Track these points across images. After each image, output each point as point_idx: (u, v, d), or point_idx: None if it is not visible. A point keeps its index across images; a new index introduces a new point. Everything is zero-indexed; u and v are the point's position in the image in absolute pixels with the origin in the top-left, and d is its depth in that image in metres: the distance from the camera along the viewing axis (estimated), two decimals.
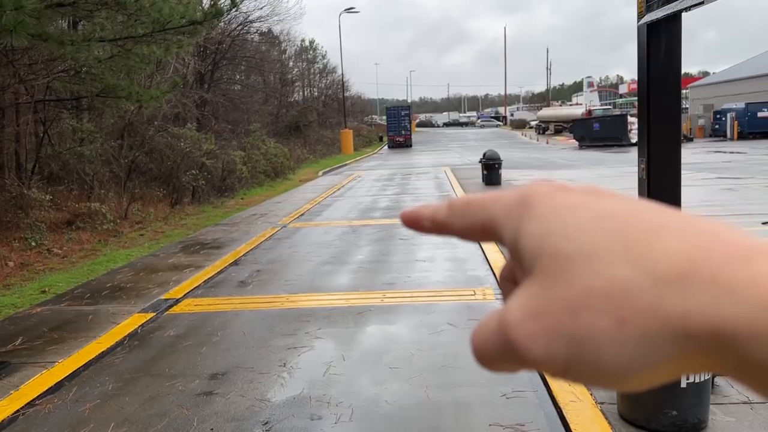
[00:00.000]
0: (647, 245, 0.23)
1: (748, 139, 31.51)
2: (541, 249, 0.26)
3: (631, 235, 0.24)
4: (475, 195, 0.31)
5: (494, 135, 55.96)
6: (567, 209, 0.26)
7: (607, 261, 0.24)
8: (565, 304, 0.24)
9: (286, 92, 39.10)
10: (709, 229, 0.24)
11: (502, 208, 0.29)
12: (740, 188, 13.44)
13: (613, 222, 0.25)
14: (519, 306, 0.26)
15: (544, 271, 0.25)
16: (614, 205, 0.26)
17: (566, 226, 0.25)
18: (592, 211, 0.26)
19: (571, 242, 0.25)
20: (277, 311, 5.68)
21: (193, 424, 3.57)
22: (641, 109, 4.01)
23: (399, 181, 18.59)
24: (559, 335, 0.24)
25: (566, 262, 0.25)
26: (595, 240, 0.24)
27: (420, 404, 3.72)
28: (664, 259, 0.23)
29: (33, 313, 5.91)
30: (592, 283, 0.24)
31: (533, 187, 0.29)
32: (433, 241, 8.64)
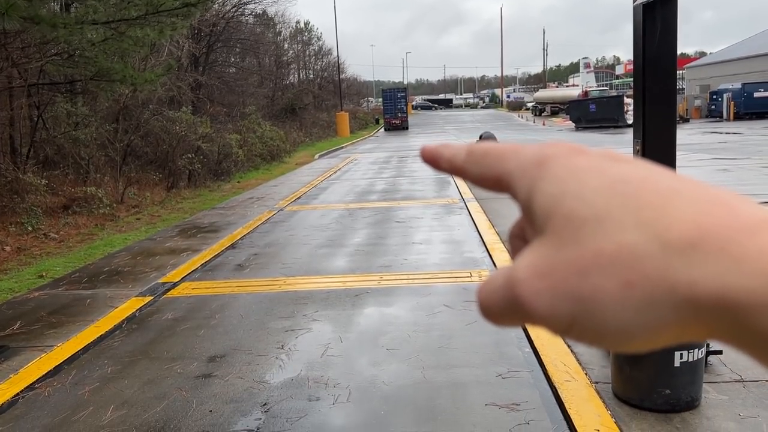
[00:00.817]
0: (659, 211, 0.24)
1: (744, 120, 31.49)
2: (554, 209, 0.26)
3: (644, 200, 0.24)
4: (495, 144, 0.31)
5: (490, 117, 55.81)
6: (583, 171, 0.26)
7: (619, 225, 0.24)
8: (575, 265, 0.25)
9: (282, 75, 38.86)
10: (721, 199, 0.24)
11: (518, 165, 0.29)
12: (736, 169, 13.46)
13: (628, 186, 0.25)
14: (528, 264, 0.26)
15: (556, 232, 0.26)
16: (630, 170, 0.26)
17: (582, 189, 0.26)
18: (608, 175, 0.26)
19: (585, 205, 0.25)
20: (275, 294, 5.70)
21: (192, 405, 3.60)
22: (636, 90, 4.01)
23: (395, 164, 18.57)
24: (565, 294, 0.25)
25: (579, 224, 0.25)
26: (608, 204, 0.25)
27: (417, 384, 3.76)
28: (674, 226, 0.23)
29: (31, 298, 5.93)
30: (602, 245, 0.24)
31: (551, 147, 0.29)
32: (429, 224, 8.66)
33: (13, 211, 9.51)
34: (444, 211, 9.71)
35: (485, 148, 0.31)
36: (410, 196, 11.66)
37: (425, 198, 11.26)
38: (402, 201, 11.01)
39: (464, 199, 10.54)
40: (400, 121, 41.06)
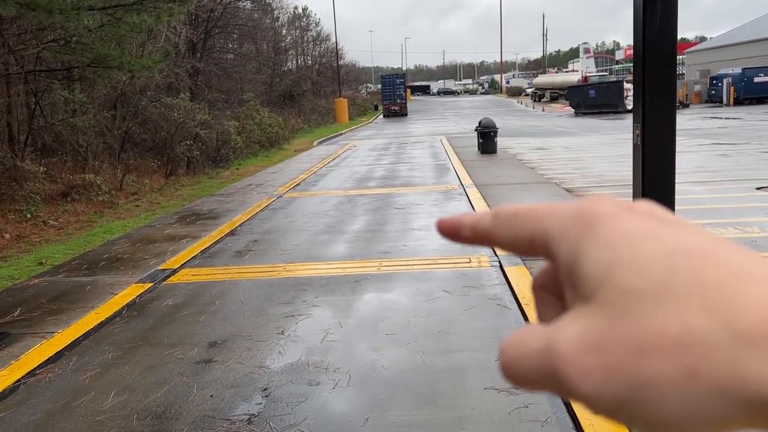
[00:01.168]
0: (728, 294, 0.21)
1: (744, 105, 31.43)
2: (607, 279, 0.24)
3: (709, 278, 0.22)
4: (524, 205, 0.29)
5: (489, 103, 55.67)
6: (637, 237, 0.24)
7: (684, 304, 0.22)
8: (632, 344, 0.22)
9: (280, 61, 38.67)
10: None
11: (557, 223, 0.27)
12: (735, 154, 13.45)
13: (689, 261, 0.23)
14: (575, 336, 0.24)
15: (610, 304, 0.23)
16: (688, 238, 0.24)
17: (638, 258, 0.23)
18: (664, 243, 0.23)
19: (644, 278, 0.23)
20: (275, 280, 5.71)
21: (192, 390, 3.62)
22: (636, 75, 4.00)
23: (395, 151, 18.54)
24: (618, 377, 0.22)
25: (637, 298, 0.23)
26: (669, 279, 0.22)
27: (416, 369, 3.77)
28: (746, 313, 0.21)
29: (31, 285, 5.94)
30: (666, 326, 0.22)
31: (595, 205, 0.26)
32: (428, 210, 8.66)
33: (11, 199, 9.50)
34: (443, 197, 9.71)
35: (512, 210, 0.29)
36: (409, 182, 11.65)
37: (424, 184, 11.25)
38: (401, 187, 11.01)
39: (464, 186, 10.54)
40: (399, 107, 40.96)
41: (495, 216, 0.30)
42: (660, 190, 3.82)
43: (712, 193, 8.98)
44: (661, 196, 3.87)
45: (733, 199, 8.44)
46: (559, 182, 10.72)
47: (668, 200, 3.97)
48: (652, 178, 3.83)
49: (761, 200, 8.34)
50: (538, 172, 12.09)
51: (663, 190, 3.86)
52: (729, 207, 7.93)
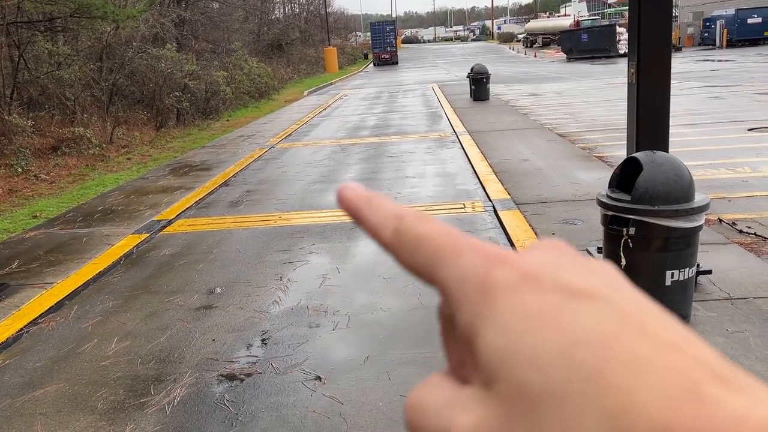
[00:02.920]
0: (624, 400, 0.20)
1: (737, 47, 31.12)
2: (503, 369, 0.22)
3: (607, 380, 0.21)
4: (431, 231, 0.26)
5: (481, 49, 54.88)
6: (538, 321, 0.22)
7: (579, 410, 0.21)
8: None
9: (267, 9, 37.79)
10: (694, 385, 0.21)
11: (458, 279, 0.25)
12: (727, 96, 13.40)
13: (589, 354, 0.21)
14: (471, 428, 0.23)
15: (507, 400, 0.22)
16: (591, 321, 0.22)
17: (536, 352, 0.22)
18: (565, 330, 0.22)
19: (541, 376, 0.21)
20: (271, 229, 5.74)
21: (194, 335, 3.68)
22: (632, 12, 3.95)
23: (386, 99, 18.36)
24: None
25: (534, 400, 0.21)
26: (567, 378, 0.21)
27: (414, 310, 3.84)
28: (642, 423, 0.20)
29: (26, 237, 5.94)
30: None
31: (498, 272, 0.24)
32: (422, 158, 8.65)
33: (1, 153, 9.40)
34: (436, 145, 9.68)
35: (417, 235, 0.26)
36: (402, 131, 11.58)
37: (417, 132, 11.19)
38: (394, 136, 10.95)
39: (456, 133, 10.49)
40: (389, 55, 40.34)
41: (396, 233, 0.26)
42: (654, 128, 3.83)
43: (704, 135, 9.00)
44: (655, 135, 3.89)
45: (725, 141, 8.46)
46: (551, 127, 10.69)
47: (662, 138, 3.98)
48: (646, 116, 3.83)
49: (753, 141, 8.36)
50: (531, 118, 12.03)
51: (657, 128, 3.87)
52: (721, 148, 7.96)
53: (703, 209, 3.23)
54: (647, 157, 3.33)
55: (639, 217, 3.17)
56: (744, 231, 4.74)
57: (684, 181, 3.29)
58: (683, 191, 3.26)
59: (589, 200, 5.49)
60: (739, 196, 5.83)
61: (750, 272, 4.02)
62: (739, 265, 4.13)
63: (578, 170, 7.11)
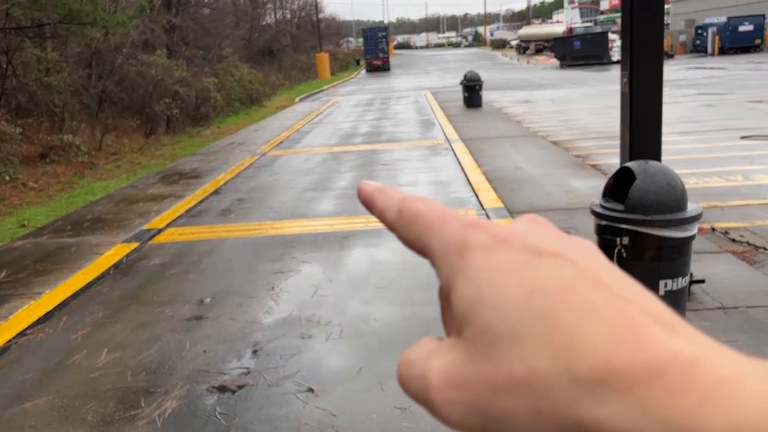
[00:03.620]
0: (572, 337, 0.23)
1: (729, 55, 31.36)
2: (470, 316, 0.25)
3: (557, 321, 0.23)
4: (425, 209, 0.29)
5: (474, 56, 55.09)
6: (502, 273, 0.25)
7: (532, 348, 0.23)
8: (487, 383, 0.24)
9: (258, 15, 37.80)
10: (635, 323, 0.23)
11: (441, 244, 0.28)
12: (720, 104, 13.49)
13: (544, 300, 0.24)
14: (442, 369, 0.25)
15: (472, 341, 0.25)
16: (551, 273, 0.25)
17: (498, 298, 0.25)
18: (526, 281, 0.25)
19: (501, 319, 0.24)
20: (263, 238, 5.70)
21: (185, 346, 3.64)
22: (624, 22, 3.96)
23: (378, 106, 18.36)
24: (476, 410, 0.24)
25: (494, 339, 0.24)
26: (523, 321, 0.24)
27: (407, 320, 3.81)
28: (585, 358, 0.22)
29: (15, 247, 5.87)
30: (515, 368, 0.23)
31: (474, 231, 0.27)
32: (415, 166, 8.64)
33: None
34: (429, 152, 9.68)
35: (415, 213, 0.29)
36: (395, 138, 11.57)
37: (410, 140, 11.19)
38: (386, 143, 10.94)
39: (449, 141, 10.49)
40: (381, 61, 40.38)
41: (399, 213, 0.30)
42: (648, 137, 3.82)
43: (697, 143, 9.04)
44: (648, 144, 3.89)
45: (717, 149, 8.50)
46: (545, 135, 10.71)
47: (655, 147, 3.98)
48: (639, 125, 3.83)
49: (745, 149, 8.41)
50: (524, 125, 12.06)
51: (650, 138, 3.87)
52: (714, 156, 7.99)
53: (696, 219, 3.23)
54: (640, 167, 3.32)
55: (632, 226, 3.16)
56: (737, 240, 4.75)
57: (677, 191, 3.29)
58: (676, 201, 3.25)
59: (582, 209, 5.49)
60: (732, 204, 5.84)
61: (743, 281, 4.02)
62: (732, 274, 4.13)
63: (572, 178, 7.11)
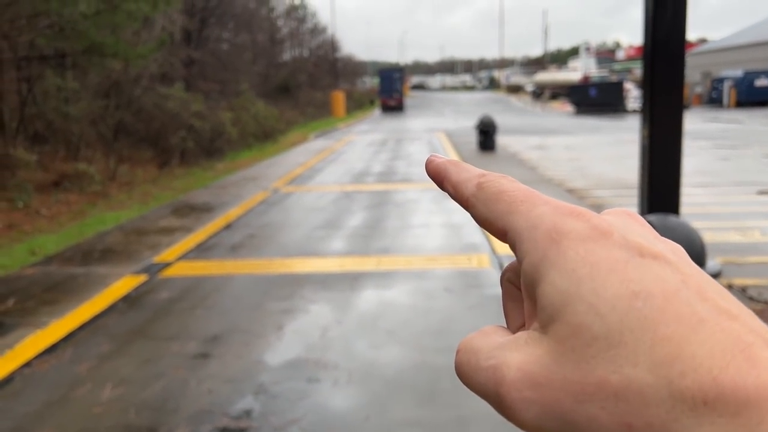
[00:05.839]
0: (677, 350, 0.21)
1: (745, 108, 31.46)
2: (562, 312, 0.23)
3: (662, 330, 0.21)
4: (511, 187, 0.28)
5: (488, 100, 55.63)
6: (603, 269, 0.23)
7: (631, 356, 0.21)
8: (574, 388, 0.22)
9: (276, 52, 38.48)
10: (745, 344, 0.21)
11: (529, 227, 0.26)
12: (736, 158, 13.47)
13: (648, 305, 0.22)
14: (521, 364, 0.24)
15: (560, 340, 0.23)
16: (655, 276, 0.23)
17: (597, 296, 0.23)
18: (629, 281, 0.23)
19: (599, 319, 0.22)
20: (272, 275, 5.65)
21: (190, 384, 3.56)
22: (645, 75, 3.96)
23: (392, 146, 18.46)
24: (556, 414, 0.23)
25: (588, 341, 0.22)
26: (624, 325, 0.22)
27: (417, 367, 3.73)
28: (689, 374, 0.20)
29: (24, 275, 5.85)
30: (609, 376, 0.22)
31: (571, 219, 0.25)
32: (428, 208, 8.62)
33: (3, 187, 9.38)
34: (442, 194, 9.64)
35: (498, 189, 0.28)
36: (407, 178, 11.59)
37: (423, 181, 11.19)
38: (399, 184, 10.95)
39: None
40: (396, 102, 40.77)
41: (479, 187, 0.29)
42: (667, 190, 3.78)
43: (713, 196, 8.98)
44: (667, 197, 3.84)
45: (734, 203, 8.44)
46: (559, 182, 10.70)
47: (674, 200, 3.94)
48: (658, 178, 3.80)
49: (762, 204, 8.34)
50: (539, 172, 12.06)
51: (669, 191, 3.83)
52: (731, 211, 7.93)
53: (715, 277, 3.17)
54: (659, 221, 3.28)
55: None
56: (755, 298, 4.65)
57: (696, 247, 3.24)
58: (695, 257, 3.20)
59: None
60: (750, 261, 5.75)
61: None
62: None
63: None
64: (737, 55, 38.87)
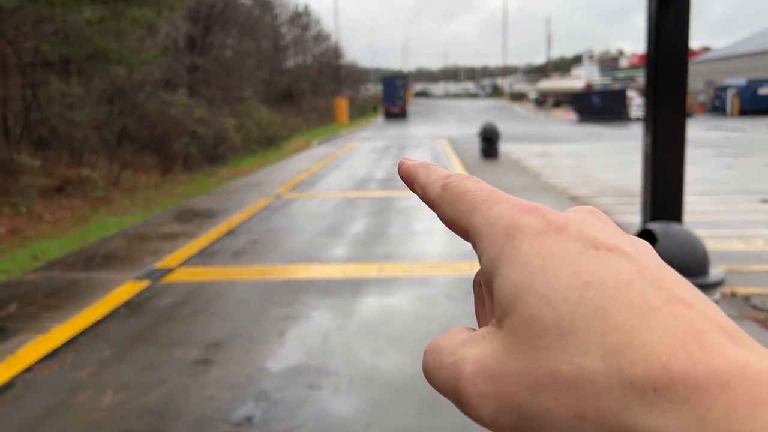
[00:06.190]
0: (627, 338, 0.21)
1: (748, 116, 31.43)
2: (515, 304, 0.23)
3: (613, 319, 0.21)
4: (473, 187, 0.28)
5: (491, 107, 55.70)
6: (556, 262, 0.23)
7: (582, 345, 0.21)
8: (527, 379, 0.22)
9: (279, 59, 38.61)
10: (697, 329, 0.20)
11: (487, 224, 0.26)
12: (739, 166, 13.45)
13: (600, 294, 0.22)
14: (476, 359, 0.24)
15: (513, 332, 0.23)
16: (608, 268, 0.22)
17: (549, 287, 0.22)
18: (581, 272, 0.22)
19: (550, 310, 0.22)
20: (274, 281, 5.65)
21: (192, 390, 3.56)
22: (648, 83, 3.96)
23: (395, 153, 18.49)
24: (511, 407, 0.22)
25: (539, 332, 0.22)
26: (575, 314, 0.22)
27: (418, 374, 3.71)
28: (639, 361, 0.20)
29: (26, 280, 5.86)
30: (560, 366, 0.21)
31: (526, 215, 0.25)
32: (430, 214, 8.61)
33: (6, 192, 9.40)
34: None
35: (461, 190, 0.28)
36: None
37: None
38: (402, 191, 10.95)
39: None
40: (399, 109, 40.83)
41: (444, 188, 0.29)
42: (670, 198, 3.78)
43: (716, 204, 8.97)
44: (670, 205, 3.84)
45: (738, 211, 8.42)
46: (562, 190, 10.69)
47: (677, 209, 3.93)
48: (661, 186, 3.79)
49: (765, 213, 8.32)
50: (542, 179, 12.06)
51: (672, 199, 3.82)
52: (734, 219, 7.91)
53: (718, 285, 3.16)
54: (662, 229, 3.27)
55: None
56: (758, 307, 4.64)
57: (699, 255, 3.23)
58: (698, 265, 3.19)
59: None
60: (753, 269, 5.73)
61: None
62: None
63: None
64: (740, 64, 38.87)
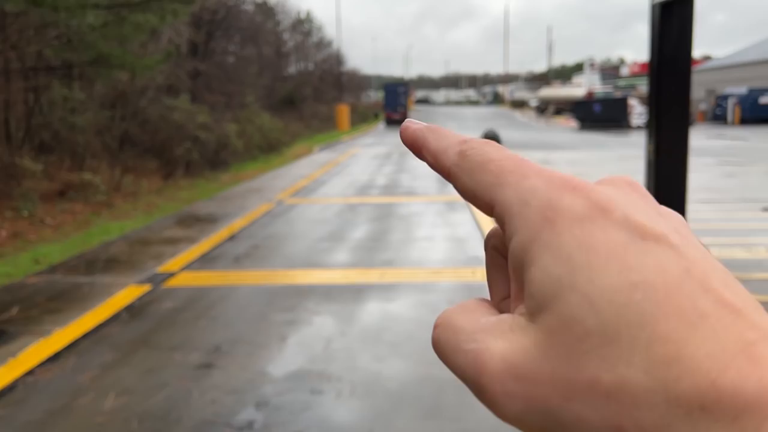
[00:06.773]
0: (673, 350, 0.19)
1: (749, 125, 31.45)
2: (554, 301, 0.21)
3: (661, 328, 0.20)
4: (498, 154, 0.25)
5: (492, 115, 55.77)
6: (601, 255, 0.21)
7: (626, 355, 0.20)
8: (560, 384, 0.21)
9: (281, 65, 38.71)
10: (748, 342, 0.19)
11: (520, 202, 0.23)
12: (741, 174, 13.45)
13: (649, 298, 0.20)
14: (505, 354, 0.22)
15: (549, 332, 0.21)
16: (657, 265, 0.21)
17: (593, 288, 0.21)
18: (628, 270, 0.21)
19: (594, 313, 0.20)
20: (276, 286, 5.65)
21: (193, 395, 3.55)
22: (651, 91, 3.97)
23: (396, 159, 18.50)
24: (540, 410, 0.21)
25: (580, 337, 0.20)
26: (621, 320, 0.20)
27: (421, 381, 3.71)
28: (687, 377, 0.19)
29: (28, 283, 5.85)
30: (601, 375, 0.20)
31: (566, 198, 0.23)
32: (432, 221, 8.62)
33: (8, 196, 9.41)
34: (446, 208, 9.67)
35: (483, 158, 0.25)
36: (412, 192, 11.61)
37: (427, 194, 11.21)
38: (403, 197, 10.96)
39: None
40: (400, 116, 40.84)
41: (462, 155, 0.26)
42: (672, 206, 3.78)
43: (718, 212, 8.96)
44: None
45: (739, 219, 8.42)
46: None
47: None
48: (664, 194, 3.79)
49: (767, 221, 8.32)
50: None
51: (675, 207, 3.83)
52: (736, 227, 7.91)
53: None
54: None
55: None
56: None
57: None
58: None
59: None
60: (755, 277, 5.73)
61: None
62: None
63: None
64: (742, 73, 38.96)
